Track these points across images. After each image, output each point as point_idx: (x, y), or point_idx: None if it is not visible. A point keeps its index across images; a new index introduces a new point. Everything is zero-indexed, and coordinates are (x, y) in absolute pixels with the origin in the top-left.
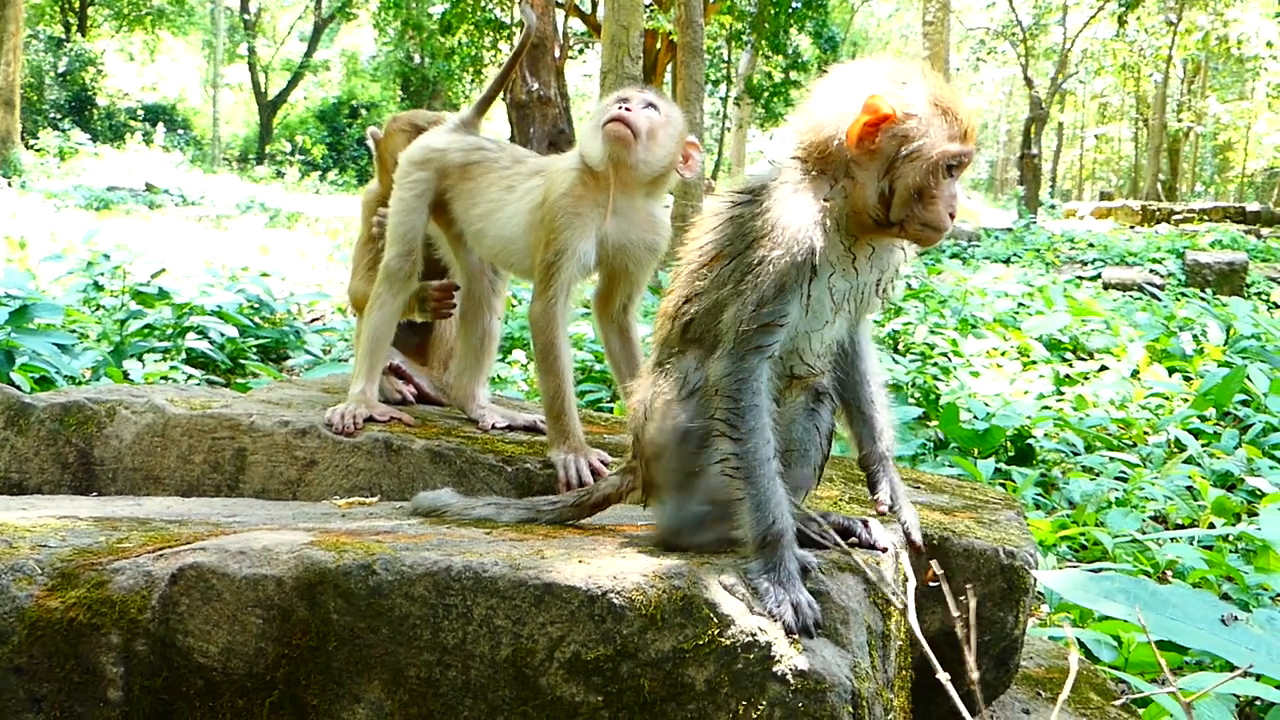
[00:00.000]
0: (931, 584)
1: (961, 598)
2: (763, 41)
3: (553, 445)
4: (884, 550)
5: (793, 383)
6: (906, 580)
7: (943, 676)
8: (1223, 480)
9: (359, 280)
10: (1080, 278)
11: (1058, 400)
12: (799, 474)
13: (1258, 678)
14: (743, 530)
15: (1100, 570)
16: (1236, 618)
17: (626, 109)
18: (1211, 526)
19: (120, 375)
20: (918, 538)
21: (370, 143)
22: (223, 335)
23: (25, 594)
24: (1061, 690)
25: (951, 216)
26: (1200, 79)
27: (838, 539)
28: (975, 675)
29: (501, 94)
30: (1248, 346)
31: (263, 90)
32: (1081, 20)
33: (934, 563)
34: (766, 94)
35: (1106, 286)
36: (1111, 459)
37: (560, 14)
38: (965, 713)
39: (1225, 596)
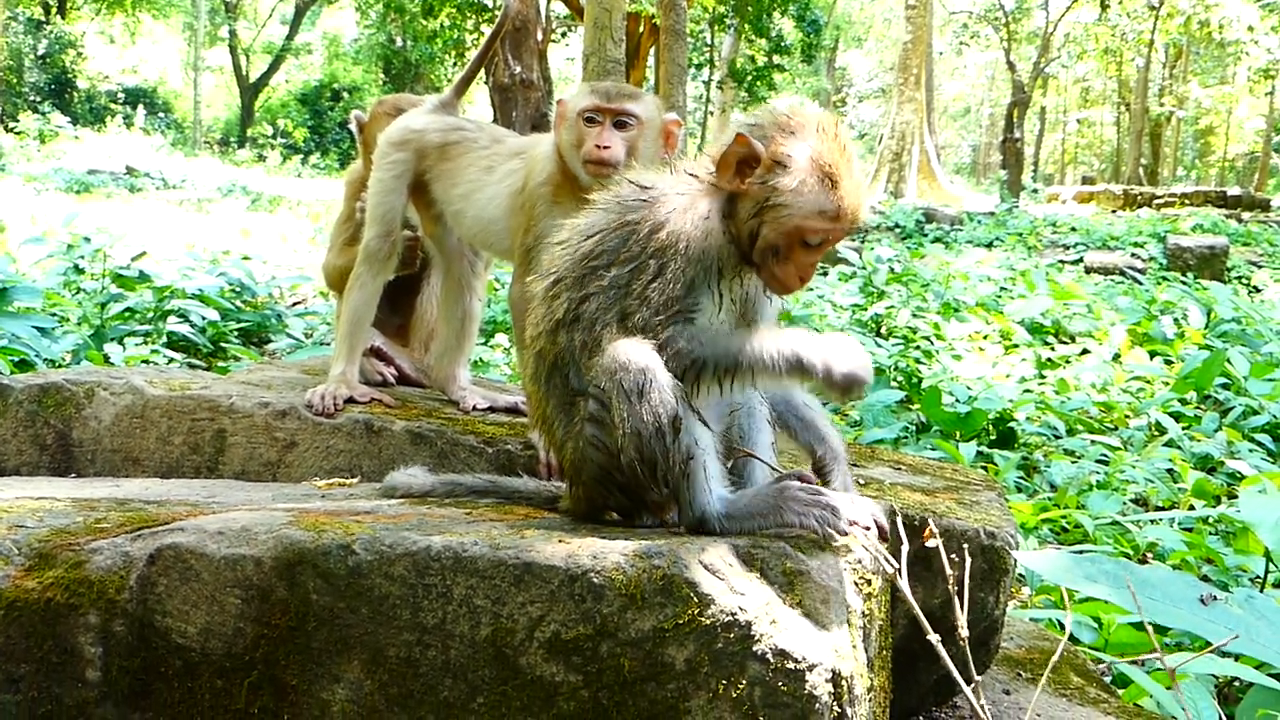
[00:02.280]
0: (929, 545)
1: (954, 556)
2: (746, 25)
3: (533, 427)
4: (867, 529)
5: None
6: (901, 544)
7: (933, 637)
8: (1203, 463)
9: (334, 254)
10: (1062, 262)
11: (1039, 384)
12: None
13: (1236, 657)
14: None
15: (1081, 552)
16: (1216, 597)
17: (604, 148)
18: (1192, 509)
19: (100, 358)
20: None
21: (354, 126)
22: (204, 319)
23: (2, 574)
24: (1043, 670)
25: (802, 281)
26: (1182, 63)
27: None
28: (965, 633)
29: (484, 77)
30: (1228, 330)
31: (244, 73)
32: (1064, 4)
33: (930, 524)
34: (749, 78)
35: (1088, 270)
36: (1093, 442)
37: None
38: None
39: (1205, 578)
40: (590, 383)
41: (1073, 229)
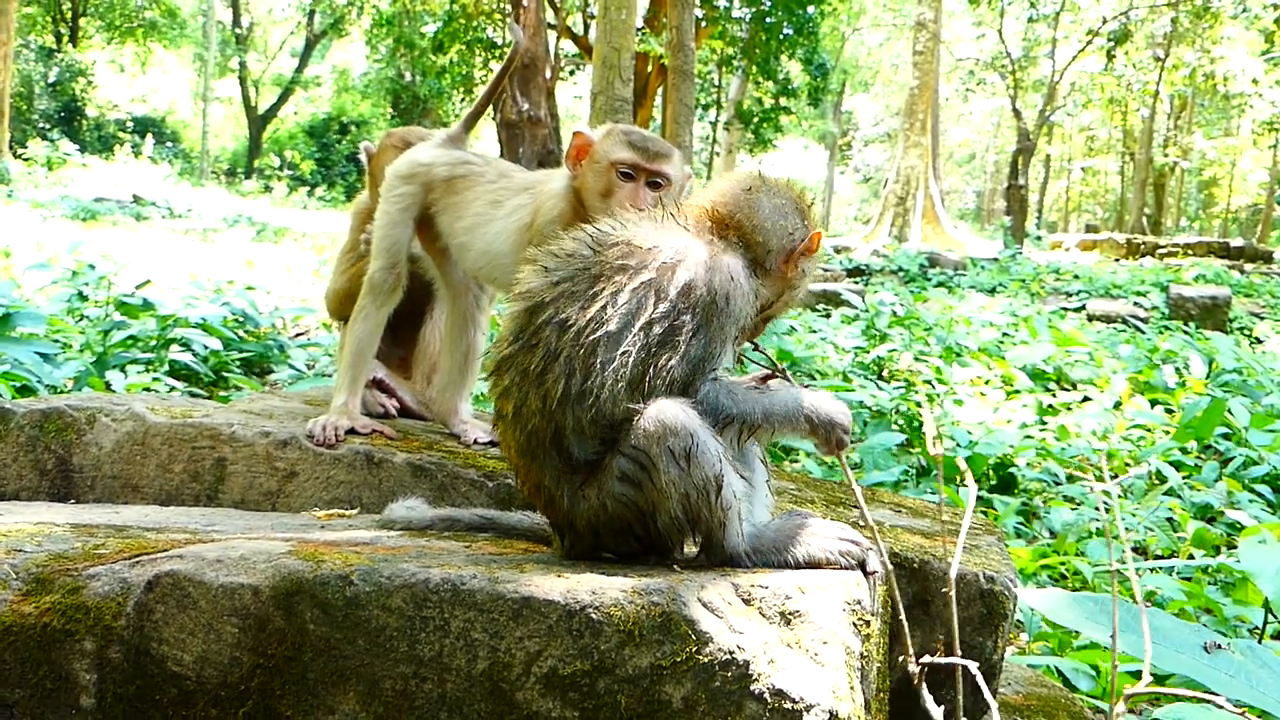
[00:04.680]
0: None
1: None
2: (753, 67)
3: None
4: (873, 573)
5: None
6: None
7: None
8: (1203, 512)
9: (336, 276)
10: (1065, 309)
11: (1040, 430)
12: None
13: (1239, 705)
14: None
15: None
16: (1220, 645)
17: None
18: (1191, 558)
19: (102, 385)
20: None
21: (363, 157)
22: (206, 348)
23: None
24: (1041, 717)
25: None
26: (1187, 114)
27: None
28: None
29: (492, 113)
30: (1229, 380)
31: (253, 104)
32: (1070, 54)
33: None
34: (756, 119)
35: (1091, 318)
36: (1093, 489)
37: (552, 35)
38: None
39: (1203, 627)
40: (627, 443)
41: (1076, 277)
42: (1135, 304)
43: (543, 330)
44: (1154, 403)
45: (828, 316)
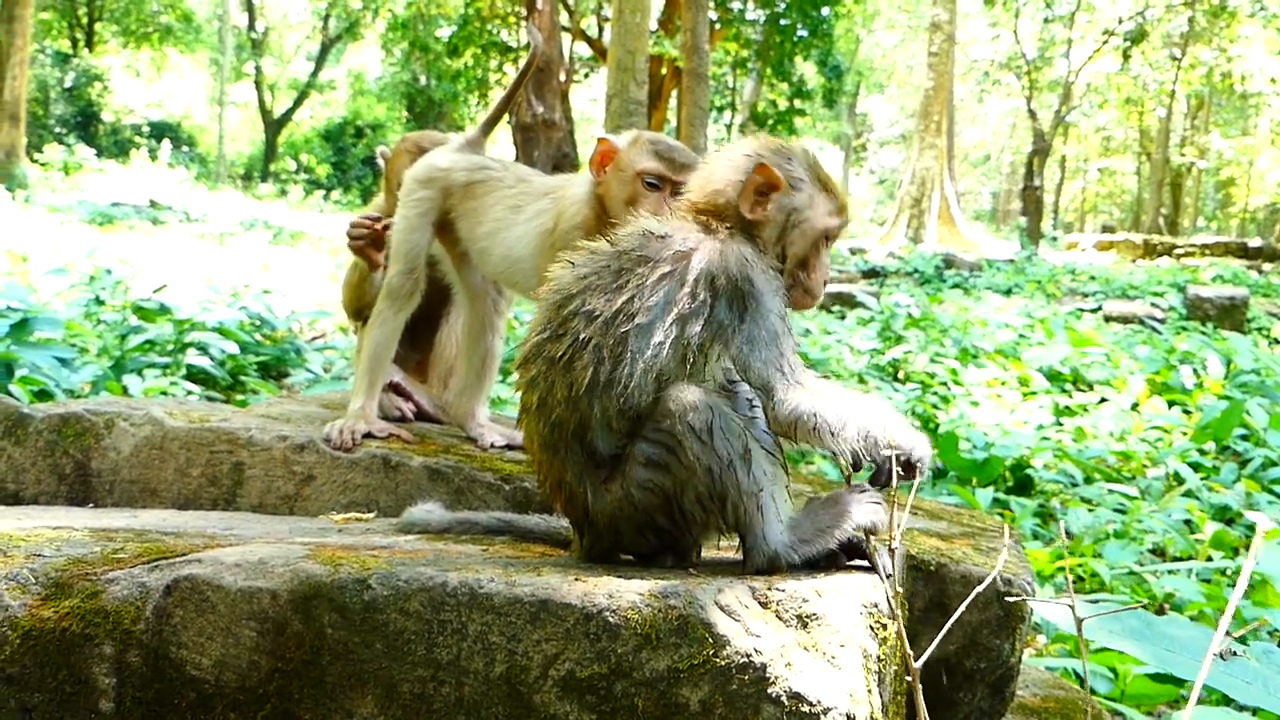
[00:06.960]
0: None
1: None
2: (768, 69)
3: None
4: (888, 577)
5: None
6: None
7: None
8: (1221, 514)
9: (351, 277)
10: (1081, 310)
11: (1057, 431)
12: None
13: (1255, 712)
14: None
15: (1098, 602)
16: (1235, 653)
17: None
18: (1209, 560)
19: (120, 390)
20: None
21: (380, 161)
22: (223, 352)
23: (19, 603)
24: (1058, 719)
25: (825, 284)
26: (1203, 114)
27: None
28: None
29: (507, 116)
30: (1248, 381)
31: (268, 109)
32: (1086, 54)
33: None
34: (771, 121)
35: (1107, 319)
36: (1110, 491)
37: (566, 38)
38: None
39: None
40: (649, 427)
41: (1092, 277)
42: (1152, 304)
43: (570, 320)
44: (1171, 404)
45: (843, 318)
